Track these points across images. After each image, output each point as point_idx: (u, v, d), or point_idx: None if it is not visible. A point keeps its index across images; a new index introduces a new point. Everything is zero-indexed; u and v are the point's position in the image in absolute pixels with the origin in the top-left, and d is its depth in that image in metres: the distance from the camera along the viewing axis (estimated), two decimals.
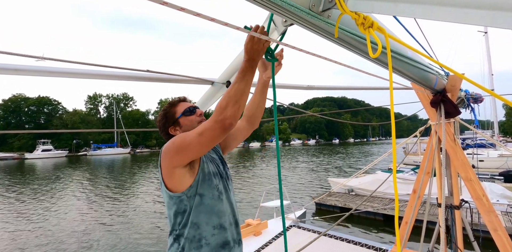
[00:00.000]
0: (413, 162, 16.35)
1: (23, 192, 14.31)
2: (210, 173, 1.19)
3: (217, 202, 1.19)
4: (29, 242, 7.07)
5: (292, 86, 1.56)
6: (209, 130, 0.99)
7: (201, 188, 1.16)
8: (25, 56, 0.77)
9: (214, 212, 1.18)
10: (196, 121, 1.26)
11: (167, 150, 1.08)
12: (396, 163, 4.48)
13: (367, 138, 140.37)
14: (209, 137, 1.00)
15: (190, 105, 1.27)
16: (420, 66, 1.69)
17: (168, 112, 1.26)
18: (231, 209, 1.26)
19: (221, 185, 1.23)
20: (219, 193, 1.20)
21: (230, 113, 0.96)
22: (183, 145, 1.05)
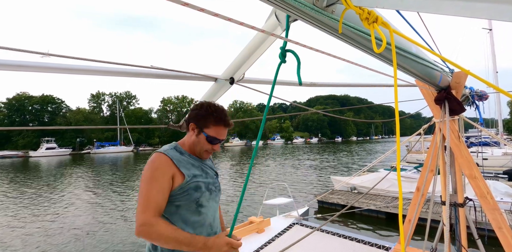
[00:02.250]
0: (416, 160, 16.29)
1: (29, 189, 14.45)
2: (192, 187, 1.20)
3: (193, 214, 1.21)
4: (32, 238, 7.15)
5: (294, 83, 1.56)
6: (136, 224, 1.08)
7: (178, 200, 1.19)
8: (30, 53, 0.78)
9: (189, 222, 1.20)
10: (205, 149, 1.29)
11: (143, 172, 1.16)
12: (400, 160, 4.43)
13: (370, 136, 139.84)
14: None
15: (219, 138, 1.28)
16: (424, 63, 1.68)
17: (207, 118, 1.24)
18: (210, 221, 1.27)
19: (204, 198, 1.24)
20: (197, 206, 1.22)
21: (144, 235, 1.06)
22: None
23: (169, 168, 1.17)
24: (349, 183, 9.36)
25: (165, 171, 1.15)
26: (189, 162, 1.25)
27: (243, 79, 1.23)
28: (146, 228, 1.05)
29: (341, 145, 62.20)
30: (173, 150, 1.26)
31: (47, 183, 16.97)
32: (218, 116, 1.23)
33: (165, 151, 1.22)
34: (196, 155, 1.31)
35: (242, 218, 7.95)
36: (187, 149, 1.30)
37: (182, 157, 1.25)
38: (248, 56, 1.06)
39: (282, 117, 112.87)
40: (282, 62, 0.83)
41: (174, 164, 1.18)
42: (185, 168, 1.21)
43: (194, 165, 1.26)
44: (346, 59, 0.98)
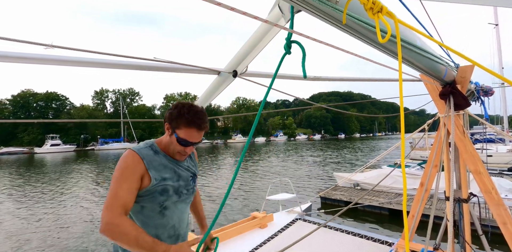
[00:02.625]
0: (420, 157, 16.22)
1: (36, 184, 14.63)
2: (158, 190, 1.19)
3: (156, 216, 1.22)
4: (42, 231, 7.26)
5: (297, 77, 1.54)
6: (101, 221, 1.06)
7: (143, 201, 1.19)
8: (34, 44, 0.78)
9: (150, 224, 1.21)
10: (177, 150, 1.25)
11: (115, 169, 1.16)
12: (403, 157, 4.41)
13: (373, 133, 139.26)
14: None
15: (190, 140, 1.22)
16: (429, 56, 1.66)
17: (179, 118, 1.19)
18: (174, 223, 1.27)
19: (170, 201, 1.23)
20: (162, 208, 1.22)
21: (108, 234, 1.04)
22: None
23: (139, 168, 1.15)
24: (352, 179, 9.35)
25: (135, 170, 1.14)
26: (161, 163, 1.22)
27: (246, 72, 1.22)
28: (111, 227, 1.04)
29: (344, 142, 62.04)
30: (147, 148, 1.23)
31: (54, 178, 17.16)
32: (190, 118, 1.18)
33: (139, 149, 1.20)
34: (171, 155, 1.29)
35: (246, 213, 8.00)
36: (163, 148, 1.28)
37: (155, 157, 1.22)
38: (251, 48, 1.05)
39: (285, 114, 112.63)
40: (286, 53, 0.82)
41: (144, 165, 1.17)
42: (155, 169, 1.19)
43: (166, 166, 1.24)
44: (350, 52, 0.97)
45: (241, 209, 9.01)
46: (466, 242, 2.60)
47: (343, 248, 3.18)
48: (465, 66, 2.42)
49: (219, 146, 62.46)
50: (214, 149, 50.07)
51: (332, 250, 3.16)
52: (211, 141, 75.09)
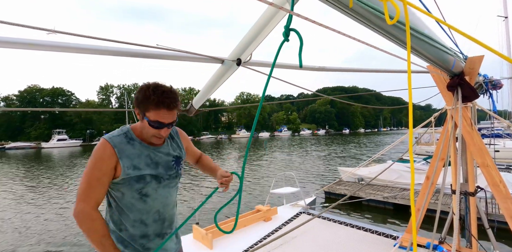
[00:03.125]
0: (425, 152, 16.07)
1: (45, 178, 14.87)
2: (133, 179, 1.18)
3: (137, 202, 1.21)
4: (51, 223, 7.40)
5: (302, 67, 1.52)
6: (75, 207, 1.13)
7: (122, 188, 1.19)
8: (36, 29, 0.76)
9: (133, 209, 1.22)
10: (152, 134, 1.21)
11: (89, 158, 1.17)
12: (406, 152, 4.32)
13: (378, 128, 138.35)
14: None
15: (162, 121, 1.16)
16: (437, 46, 1.62)
17: (146, 101, 1.13)
18: (158, 208, 1.27)
19: (149, 188, 1.22)
20: (141, 195, 1.21)
21: (79, 222, 1.11)
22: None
23: (110, 158, 1.15)
24: (356, 174, 9.33)
25: (106, 161, 1.14)
26: (134, 150, 1.20)
27: (250, 61, 1.20)
28: (84, 217, 1.10)
29: (349, 137, 61.77)
30: (121, 136, 1.21)
31: (61, 172, 17.41)
32: (157, 99, 1.12)
33: (111, 138, 1.18)
34: (147, 141, 1.26)
35: (250, 206, 8.05)
36: (138, 135, 1.24)
37: (128, 145, 1.20)
38: (256, 35, 1.03)
39: (289, 109, 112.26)
40: (285, 41, 0.80)
41: (115, 154, 1.15)
42: (128, 158, 1.18)
43: (141, 154, 1.21)
44: (354, 38, 0.94)
45: (245, 202, 9.06)
46: (472, 236, 2.58)
47: (347, 241, 3.18)
48: (474, 57, 2.36)
49: (224, 141, 62.66)
50: (219, 143, 50.26)
51: (336, 243, 3.16)
52: (215, 136, 75.32)
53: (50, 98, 64.84)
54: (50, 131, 56.63)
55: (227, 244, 3.23)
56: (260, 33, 1.01)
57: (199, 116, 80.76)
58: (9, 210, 9.05)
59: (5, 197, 11.01)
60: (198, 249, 3.12)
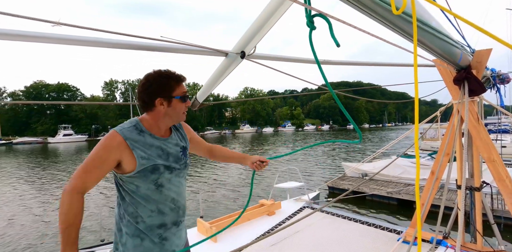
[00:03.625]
0: (430, 147, 15.96)
1: (54, 172, 15.10)
2: (148, 169, 1.19)
3: (153, 193, 1.23)
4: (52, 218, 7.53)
5: (306, 60, 1.50)
6: (69, 183, 1.12)
7: (136, 181, 1.20)
8: (41, 21, 0.76)
9: (150, 200, 1.23)
10: (183, 111, 1.29)
11: (96, 145, 1.16)
12: (410, 147, 4.28)
13: (382, 124, 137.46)
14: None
15: (186, 92, 1.27)
16: (444, 38, 1.59)
17: (167, 84, 1.20)
18: (173, 197, 1.29)
19: (163, 178, 1.24)
20: (157, 186, 1.23)
21: (65, 199, 1.10)
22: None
23: (119, 150, 1.14)
24: (360, 169, 9.31)
25: (112, 151, 1.14)
26: (146, 142, 1.21)
27: (254, 54, 1.19)
28: (67, 197, 1.09)
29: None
30: (132, 128, 1.21)
31: (69, 166, 17.65)
32: (174, 76, 1.21)
33: (122, 130, 1.18)
34: (161, 132, 1.29)
35: (254, 200, 8.10)
36: (148, 127, 1.25)
37: (140, 136, 1.21)
38: (260, 28, 1.01)
39: (293, 104, 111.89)
40: (312, 29, 0.79)
41: (128, 146, 1.15)
42: (140, 150, 1.18)
43: (152, 145, 1.23)
44: (361, 29, 0.93)
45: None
46: (477, 231, 2.58)
47: (351, 236, 3.20)
48: (482, 50, 2.32)
49: (227, 136, 62.83)
50: (223, 139, 50.40)
51: (339, 237, 3.17)
52: (219, 131, 75.53)
53: (56, 94, 65.40)
54: (56, 126, 57.39)
55: (230, 238, 3.26)
56: (265, 25, 1.00)
57: (203, 112, 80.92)
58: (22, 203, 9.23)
59: (15, 190, 11.21)
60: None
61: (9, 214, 8.17)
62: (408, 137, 5.45)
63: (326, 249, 2.91)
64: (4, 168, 18.02)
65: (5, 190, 11.35)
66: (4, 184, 12.60)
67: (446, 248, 2.68)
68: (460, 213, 2.02)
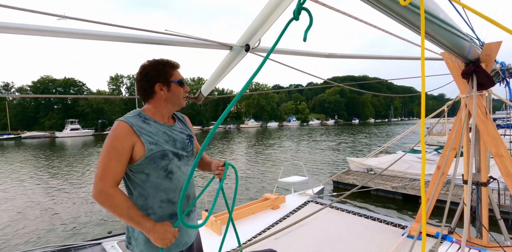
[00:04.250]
0: (436, 142, 15.80)
1: (61, 165, 15.37)
2: (157, 156, 1.19)
3: (164, 181, 1.23)
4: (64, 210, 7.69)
5: (311, 53, 1.49)
6: (94, 188, 1.14)
7: (147, 169, 1.20)
8: (46, 14, 0.77)
9: (161, 189, 1.23)
10: (182, 96, 1.32)
11: (105, 140, 1.18)
12: (418, 142, 4.24)
13: (388, 118, 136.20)
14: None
15: (182, 78, 1.32)
16: (453, 31, 1.55)
17: (164, 70, 1.25)
18: (182, 185, 1.29)
19: (173, 164, 1.24)
20: (167, 173, 1.23)
21: (101, 202, 1.13)
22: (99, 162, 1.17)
23: (129, 137, 1.15)
24: (365, 164, 9.28)
25: (125, 140, 1.15)
26: (151, 129, 1.22)
27: (259, 47, 1.19)
28: (104, 197, 1.11)
29: (359, 127, 61.14)
30: (135, 117, 1.23)
31: (78, 159, 17.92)
32: (170, 63, 1.27)
33: (126, 118, 1.20)
34: (164, 119, 1.31)
35: (258, 194, 8.16)
36: (151, 115, 1.28)
37: (145, 124, 1.22)
38: (264, 20, 1.00)
39: (298, 99, 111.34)
40: (293, 19, 0.78)
41: (135, 133, 1.16)
42: (147, 136, 1.19)
43: (158, 131, 1.24)
44: (367, 22, 0.92)
45: (253, 190, 9.18)
46: (483, 226, 2.56)
47: (355, 230, 3.21)
48: (491, 43, 2.27)
49: (232, 130, 62.96)
50: (227, 133, 50.57)
51: (343, 231, 3.19)
52: (224, 125, 75.71)
53: (63, 89, 66.02)
54: (63, 120, 58.13)
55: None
56: (269, 18, 0.99)
57: (207, 107, 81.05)
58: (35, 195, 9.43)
59: (28, 183, 11.45)
60: (207, 235, 3.20)
61: (21, 206, 8.36)
62: (415, 132, 5.38)
63: (330, 243, 2.93)
64: (13, 162, 18.37)
65: (15, 184, 11.60)
66: (13, 178, 12.87)
67: (451, 243, 2.67)
68: (466, 208, 2.01)
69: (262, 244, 2.89)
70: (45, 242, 5.82)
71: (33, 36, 0.88)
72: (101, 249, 2.93)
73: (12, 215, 7.59)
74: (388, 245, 2.80)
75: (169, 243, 1.16)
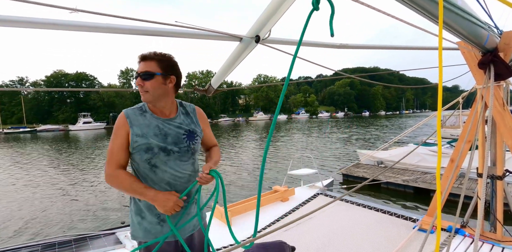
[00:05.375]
0: (450, 135, 15.45)
1: (78, 157, 15.81)
2: (142, 148, 1.26)
3: (149, 172, 1.30)
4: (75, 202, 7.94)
5: (322, 44, 1.46)
6: (104, 173, 1.29)
7: (135, 159, 1.30)
8: (58, 8, 0.77)
9: (148, 179, 1.30)
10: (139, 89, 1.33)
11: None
12: (432, 135, 4.14)
13: (400, 111, 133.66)
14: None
15: (137, 71, 1.35)
16: (470, 19, 1.49)
17: (179, 72, 1.35)
18: (168, 180, 1.30)
19: (158, 159, 1.27)
20: (151, 166, 1.28)
21: (110, 183, 1.26)
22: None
23: (123, 126, 1.28)
24: (375, 157, 9.18)
25: (121, 129, 1.28)
26: (145, 121, 1.30)
27: (269, 38, 1.17)
28: (110, 178, 1.25)
29: (369, 119, 60.31)
30: (135, 109, 1.34)
31: (91, 152, 18.38)
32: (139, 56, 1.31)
33: (126, 110, 1.32)
34: (163, 112, 1.35)
35: (267, 186, 8.22)
36: (151, 108, 1.35)
37: (141, 116, 1.31)
38: (275, 11, 0.98)
39: (307, 91, 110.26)
40: (314, 10, 0.75)
41: (127, 123, 1.28)
42: (137, 127, 1.28)
43: (150, 124, 1.29)
44: (382, 11, 0.89)
45: (263, 182, 9.22)
46: (497, 220, 2.52)
47: (364, 223, 3.20)
48: (511, 31, 2.18)
49: (241, 123, 63.11)
50: (236, 126, 50.72)
51: (353, 224, 3.19)
52: (232, 118, 75.90)
53: (75, 83, 67.28)
54: (76, 114, 59.50)
55: (244, 223, 3.33)
56: (280, 8, 0.97)
57: (216, 99, 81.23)
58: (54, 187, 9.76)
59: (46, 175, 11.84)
60: (217, 226, 3.25)
61: (46, 195, 8.67)
62: (427, 125, 5.24)
63: (339, 235, 2.94)
64: (30, 154, 18.97)
65: (37, 174, 12.00)
66: (33, 169, 13.30)
67: (464, 237, 2.64)
68: (480, 202, 1.97)
69: (271, 235, 2.92)
70: (68, 226, 6.06)
71: (45, 30, 0.89)
72: (115, 239, 3.02)
73: (38, 203, 7.88)
74: (398, 238, 2.78)
75: (173, 210, 1.25)
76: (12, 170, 13.38)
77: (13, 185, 10.21)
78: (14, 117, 61.79)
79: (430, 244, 2.48)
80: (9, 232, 6.02)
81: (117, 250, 2.79)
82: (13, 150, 21.92)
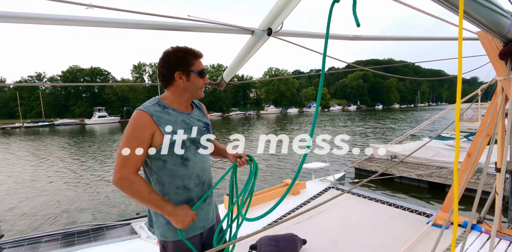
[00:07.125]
0: (467, 129, 14.99)
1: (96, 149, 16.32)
2: (174, 143, 1.23)
3: (180, 168, 1.26)
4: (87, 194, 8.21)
5: (335, 36, 1.43)
6: (115, 175, 1.17)
7: (164, 156, 1.23)
8: (74, 4, 0.79)
9: (177, 175, 1.26)
10: (200, 86, 1.32)
11: (125, 128, 1.21)
12: (446, 128, 4.01)
13: (414, 104, 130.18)
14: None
15: (204, 68, 1.31)
16: (492, 7, 1.43)
17: (185, 58, 1.25)
18: (198, 172, 1.32)
19: (189, 152, 1.27)
20: (183, 160, 1.26)
21: (121, 188, 1.16)
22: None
23: (149, 126, 1.19)
24: (389, 151, 9.03)
25: (145, 129, 1.18)
26: (170, 117, 1.25)
27: (281, 31, 1.15)
28: (125, 182, 1.15)
29: (383, 113, 59.15)
30: (155, 105, 1.25)
31: (109, 145, 18.90)
32: (193, 52, 1.26)
33: (146, 107, 1.22)
34: (182, 107, 1.32)
35: (278, 180, 8.25)
36: (169, 103, 1.30)
37: (164, 112, 1.24)
38: (287, 3, 0.97)
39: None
40: (335, 2, 0.73)
41: (155, 122, 1.19)
42: (166, 124, 1.22)
43: (177, 120, 1.26)
44: (401, 1, 0.86)
45: (274, 176, 9.27)
46: None
47: (377, 217, 3.18)
48: None
49: (252, 117, 63.16)
50: (247, 120, 50.84)
51: (364, 218, 3.17)
52: (243, 112, 76.00)
53: (90, 78, 68.84)
54: (91, 108, 61.15)
55: (255, 215, 3.37)
56: (292, 1, 0.95)
57: (227, 93, 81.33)
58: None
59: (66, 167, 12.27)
60: None
61: (63, 186, 9.01)
62: (445, 118, 5.08)
63: (350, 229, 2.93)
64: (50, 146, 19.66)
65: (60, 165, 12.47)
66: (56, 161, 13.81)
67: (480, 233, 2.59)
68: (498, 197, 1.92)
69: (283, 228, 2.94)
70: (80, 222, 6.29)
71: (61, 26, 0.91)
72: (130, 229, 3.12)
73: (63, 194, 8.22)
74: (411, 233, 2.75)
75: (188, 225, 1.24)
76: (32, 162, 13.93)
77: (48, 178, 10.64)
78: (33, 111, 64.06)
79: (444, 240, 2.44)
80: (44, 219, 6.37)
81: (132, 240, 2.89)
82: (36, 143, 22.81)
